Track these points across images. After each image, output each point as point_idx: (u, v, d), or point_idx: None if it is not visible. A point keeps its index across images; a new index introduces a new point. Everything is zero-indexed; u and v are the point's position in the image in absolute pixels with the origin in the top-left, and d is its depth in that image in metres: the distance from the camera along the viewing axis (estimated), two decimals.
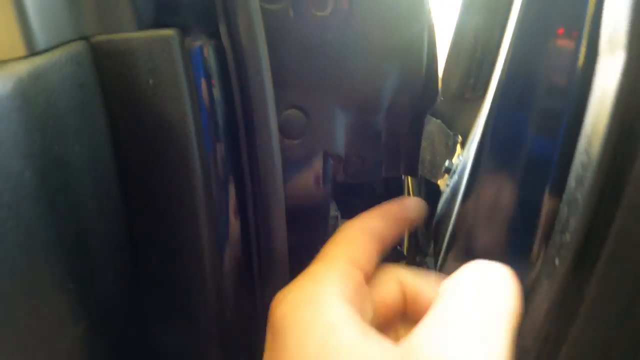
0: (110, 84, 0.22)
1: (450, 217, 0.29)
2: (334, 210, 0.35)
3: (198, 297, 0.26)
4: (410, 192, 0.51)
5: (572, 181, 0.21)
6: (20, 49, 0.18)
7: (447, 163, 0.37)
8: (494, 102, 0.25)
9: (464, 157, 0.30)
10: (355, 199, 0.39)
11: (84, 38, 0.21)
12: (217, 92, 0.25)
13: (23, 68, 0.17)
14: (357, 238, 0.28)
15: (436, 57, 0.34)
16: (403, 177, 0.42)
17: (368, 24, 0.28)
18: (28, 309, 0.18)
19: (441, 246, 0.31)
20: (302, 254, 0.30)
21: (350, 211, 0.39)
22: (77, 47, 0.21)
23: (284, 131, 0.29)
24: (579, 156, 0.20)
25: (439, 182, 0.45)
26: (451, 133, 0.43)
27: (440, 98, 0.41)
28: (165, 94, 0.22)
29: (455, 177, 0.31)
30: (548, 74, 0.24)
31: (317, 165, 0.30)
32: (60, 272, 0.19)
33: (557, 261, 0.21)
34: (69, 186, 0.20)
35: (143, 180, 0.24)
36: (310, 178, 0.31)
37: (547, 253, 0.23)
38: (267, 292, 0.27)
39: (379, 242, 0.29)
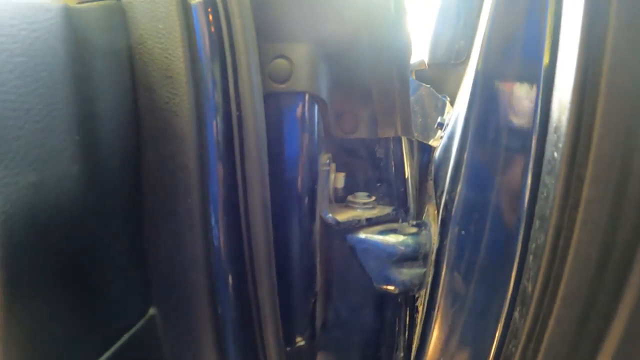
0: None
1: (449, 160, 0.35)
2: (325, 159, 0.40)
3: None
4: (405, 156, 0.56)
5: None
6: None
7: (439, 119, 0.43)
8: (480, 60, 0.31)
9: (455, 112, 0.36)
10: (357, 160, 0.45)
11: None
12: (212, 43, 0.30)
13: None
14: None
15: (404, 12, 0.40)
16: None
17: None
18: None
19: (442, 189, 0.37)
20: (290, 196, 0.36)
21: (350, 170, 0.45)
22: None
23: (272, 77, 0.35)
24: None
25: (431, 142, 0.50)
26: (440, 96, 0.49)
27: (427, 66, 0.47)
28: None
29: (449, 127, 0.37)
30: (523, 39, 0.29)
31: (302, 106, 0.36)
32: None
33: None
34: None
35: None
36: (298, 119, 0.37)
37: None
38: (253, 234, 0.33)
39: None
